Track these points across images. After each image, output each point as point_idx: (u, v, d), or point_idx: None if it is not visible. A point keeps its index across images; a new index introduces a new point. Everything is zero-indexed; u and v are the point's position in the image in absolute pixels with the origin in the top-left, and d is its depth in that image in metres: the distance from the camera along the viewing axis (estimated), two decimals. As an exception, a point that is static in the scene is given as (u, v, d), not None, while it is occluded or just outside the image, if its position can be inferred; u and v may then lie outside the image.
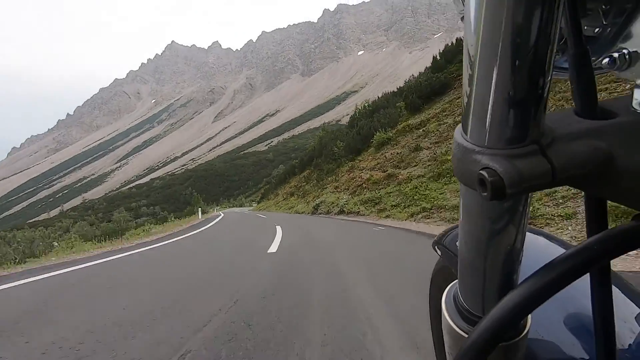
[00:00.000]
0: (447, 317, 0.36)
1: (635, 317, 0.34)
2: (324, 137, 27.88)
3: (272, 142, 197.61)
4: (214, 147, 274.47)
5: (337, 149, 22.24)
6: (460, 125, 0.24)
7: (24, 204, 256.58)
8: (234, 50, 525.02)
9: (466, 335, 0.34)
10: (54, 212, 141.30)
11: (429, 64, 25.08)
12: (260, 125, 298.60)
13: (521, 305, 0.22)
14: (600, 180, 0.21)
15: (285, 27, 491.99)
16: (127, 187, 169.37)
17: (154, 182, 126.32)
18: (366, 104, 27.13)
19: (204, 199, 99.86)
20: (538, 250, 0.42)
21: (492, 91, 0.20)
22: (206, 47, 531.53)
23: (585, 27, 0.24)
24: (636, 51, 0.22)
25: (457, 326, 0.34)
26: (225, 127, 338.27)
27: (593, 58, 0.23)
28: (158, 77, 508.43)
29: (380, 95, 31.46)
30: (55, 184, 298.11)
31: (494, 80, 0.20)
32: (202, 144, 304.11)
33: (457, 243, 0.32)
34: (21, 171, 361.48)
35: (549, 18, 0.18)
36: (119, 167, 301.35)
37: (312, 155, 27.49)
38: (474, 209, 0.26)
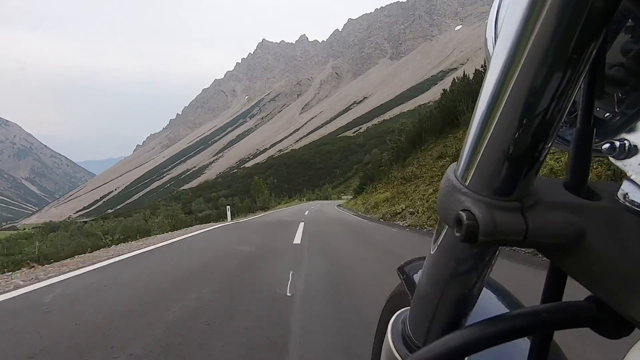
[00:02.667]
0: (390, 339, 0.37)
1: None
2: None
3: (360, 128, 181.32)
4: (301, 138, 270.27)
5: None
6: (455, 163, 0.24)
7: (140, 193, 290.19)
8: (320, 41, 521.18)
9: None
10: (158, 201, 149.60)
11: None
12: (347, 113, 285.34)
13: (459, 347, 0.23)
14: (565, 255, 0.21)
15: (372, 11, 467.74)
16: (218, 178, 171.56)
17: (236, 172, 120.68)
18: None
19: (285, 189, 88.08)
20: (491, 302, 0.42)
21: (493, 141, 0.20)
22: (294, 42, 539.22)
23: (598, 109, 0.25)
24: (636, 145, 0.22)
25: (397, 350, 0.35)
26: (312, 118, 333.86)
27: (596, 140, 0.23)
28: (251, 74, 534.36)
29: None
30: (165, 175, 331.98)
31: (498, 132, 0.20)
32: (288, 135, 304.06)
33: (419, 273, 0.33)
34: (140, 165, 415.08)
35: (566, 88, 0.18)
36: (215, 160, 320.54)
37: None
38: (444, 246, 0.27)
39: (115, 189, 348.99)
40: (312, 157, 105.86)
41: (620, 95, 0.24)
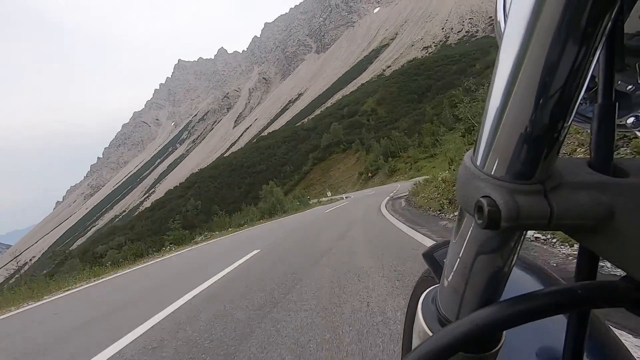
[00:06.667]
0: (421, 317, 0.36)
1: None
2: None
3: (304, 122, 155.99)
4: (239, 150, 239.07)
5: None
6: (472, 149, 0.24)
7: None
8: (241, 51, 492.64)
9: None
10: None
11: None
12: (284, 114, 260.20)
13: (490, 323, 0.22)
14: (595, 236, 0.20)
15: (287, 11, 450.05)
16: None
17: (142, 206, 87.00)
18: None
19: (214, 210, 59.44)
20: (524, 281, 0.42)
21: (510, 124, 0.20)
22: (213, 57, 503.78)
23: (619, 82, 0.24)
24: None
25: (429, 327, 0.35)
26: (248, 127, 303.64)
27: (619, 114, 0.23)
28: (172, 98, 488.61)
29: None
30: (89, 229, 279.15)
31: (514, 114, 0.19)
32: (225, 151, 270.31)
33: (446, 259, 0.33)
34: (59, 225, 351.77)
35: (582, 63, 0.17)
36: (147, 197, 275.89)
37: None
38: (466, 233, 0.26)
39: (31, 259, 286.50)
40: (247, 159, 77.87)
41: None
